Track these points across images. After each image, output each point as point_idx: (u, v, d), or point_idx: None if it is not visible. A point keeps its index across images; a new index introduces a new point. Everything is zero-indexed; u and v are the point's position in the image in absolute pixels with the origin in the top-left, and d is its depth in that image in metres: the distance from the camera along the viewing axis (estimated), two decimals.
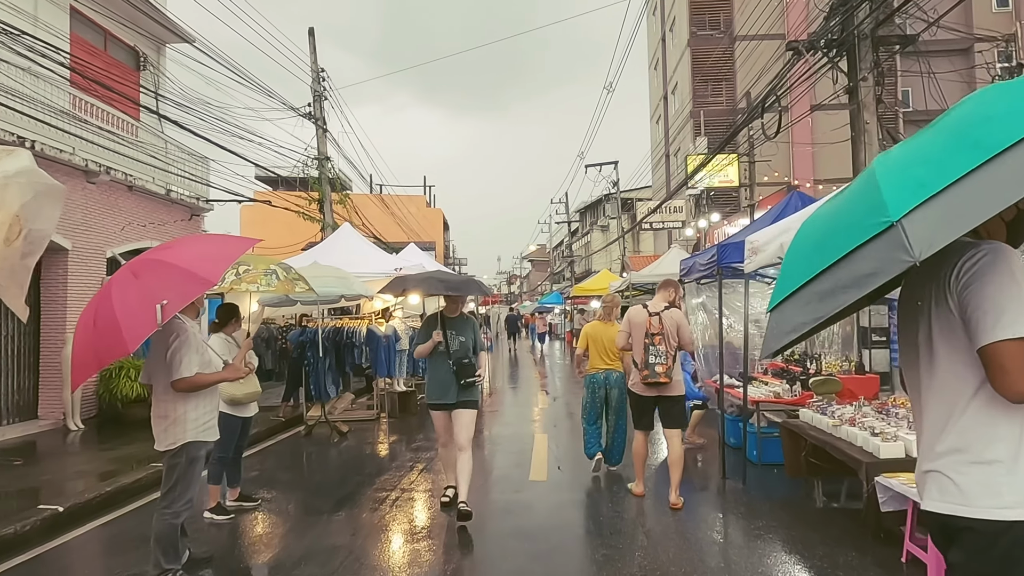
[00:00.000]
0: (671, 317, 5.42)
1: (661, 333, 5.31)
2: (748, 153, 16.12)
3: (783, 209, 6.96)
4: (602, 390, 6.37)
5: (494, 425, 9.67)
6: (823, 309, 1.52)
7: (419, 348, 5.31)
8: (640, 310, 5.55)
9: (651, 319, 5.38)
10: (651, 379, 5.28)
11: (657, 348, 5.28)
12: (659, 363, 5.26)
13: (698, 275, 7.32)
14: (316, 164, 14.69)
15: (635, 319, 5.51)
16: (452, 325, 5.31)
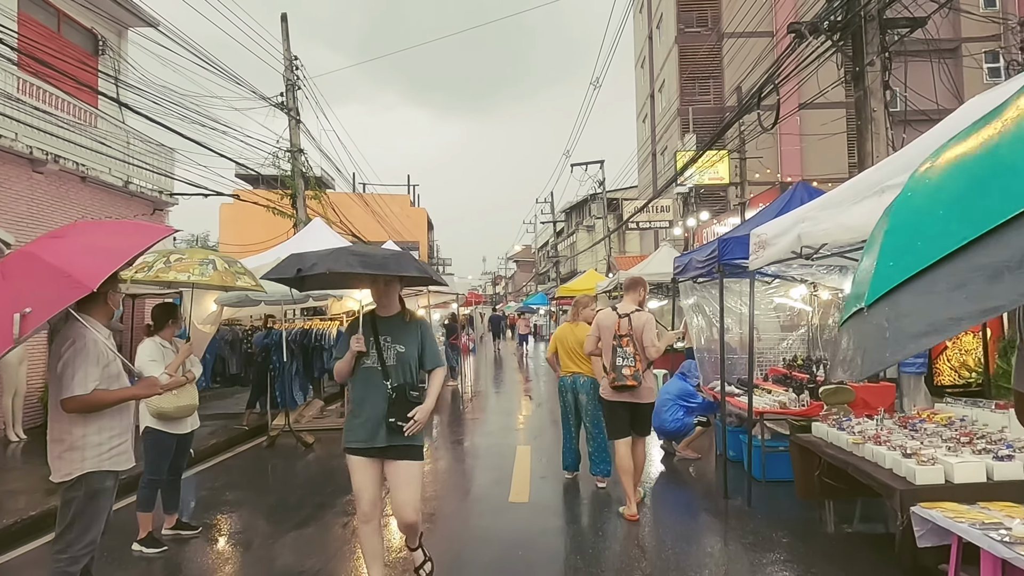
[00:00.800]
0: (639, 319, 5.15)
1: (630, 335, 5.05)
2: (739, 149, 15.58)
3: (788, 201, 6.36)
4: (570, 394, 6.05)
5: (474, 435, 9.00)
6: (999, 294, 0.87)
7: (337, 366, 3.57)
8: (610, 312, 5.28)
9: (620, 321, 5.13)
10: (618, 382, 5.00)
11: (625, 350, 5.02)
12: (626, 365, 4.98)
13: (695, 273, 6.71)
14: (289, 157, 13.92)
15: (604, 322, 5.23)
16: (387, 328, 3.54)
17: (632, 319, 5.13)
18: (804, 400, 5.82)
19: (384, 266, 3.35)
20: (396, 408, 3.39)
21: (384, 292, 3.58)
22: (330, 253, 3.44)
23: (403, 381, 3.45)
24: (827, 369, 6.30)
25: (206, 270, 5.46)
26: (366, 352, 3.47)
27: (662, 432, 7.05)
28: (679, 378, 7.26)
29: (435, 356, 3.64)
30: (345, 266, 3.26)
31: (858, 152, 7.76)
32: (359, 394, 3.53)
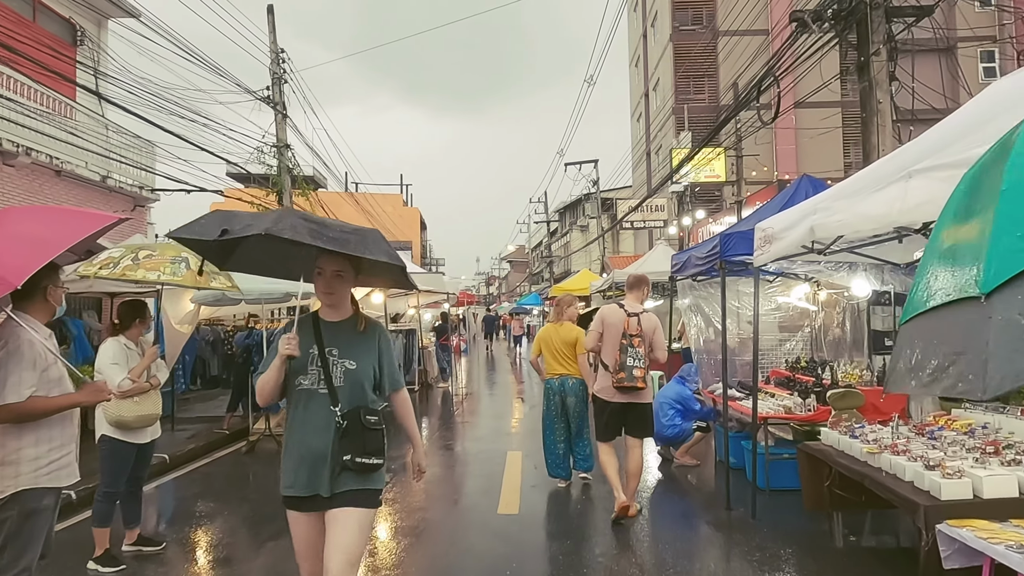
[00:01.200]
0: (650, 320, 5.02)
1: (640, 335, 4.87)
2: (735, 145, 15.29)
3: (792, 195, 6.05)
4: (557, 397, 5.87)
5: (464, 439, 8.66)
6: None
7: (259, 381, 2.58)
8: (616, 309, 5.07)
9: (629, 319, 4.92)
10: (627, 383, 4.79)
11: (636, 351, 4.83)
12: (637, 366, 4.80)
13: (694, 271, 6.40)
14: (274, 152, 13.54)
15: (610, 318, 5.00)
16: (334, 336, 2.64)
17: (642, 320, 4.95)
18: (810, 405, 5.51)
19: (342, 243, 2.35)
20: (349, 442, 2.49)
21: (332, 285, 2.60)
22: (273, 214, 2.46)
23: (355, 406, 2.54)
24: (834, 372, 5.98)
25: (178, 269, 5.09)
26: (304, 362, 2.54)
27: (659, 438, 6.74)
28: (677, 382, 6.95)
29: (395, 377, 2.78)
30: (290, 231, 2.24)
31: (863, 146, 7.47)
32: (295, 425, 2.59)
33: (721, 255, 5.38)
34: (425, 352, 14.70)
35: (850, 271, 5.24)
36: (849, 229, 3.37)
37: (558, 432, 5.90)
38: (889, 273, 5.18)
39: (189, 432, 9.09)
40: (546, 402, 5.98)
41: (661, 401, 6.77)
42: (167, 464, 7.47)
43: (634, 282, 5.27)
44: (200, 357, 10.04)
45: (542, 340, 6.04)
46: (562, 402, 5.83)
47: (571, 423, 5.86)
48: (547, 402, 5.96)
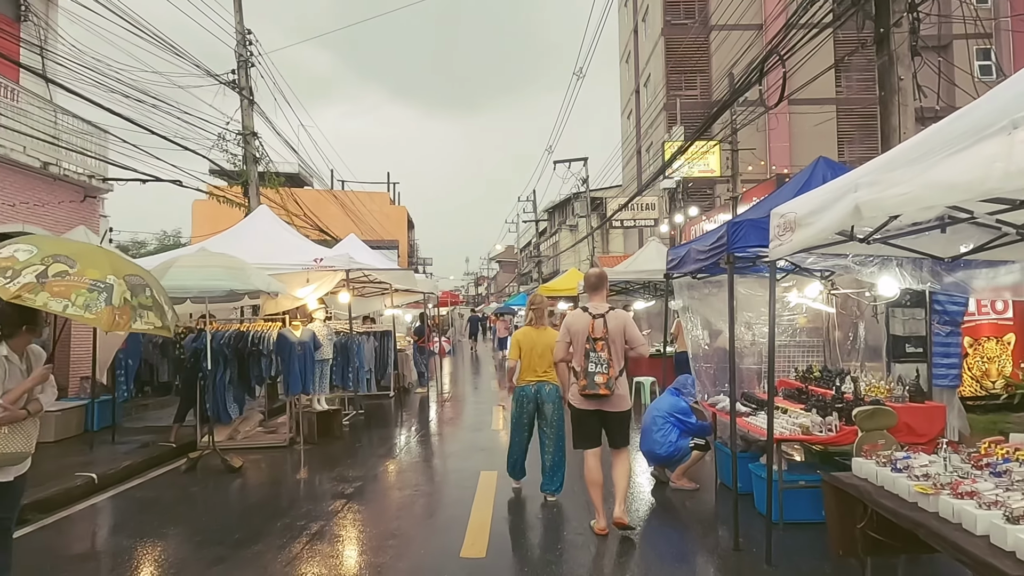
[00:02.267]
0: (617, 319, 4.72)
1: (604, 339, 4.59)
2: (732, 136, 14.48)
3: (806, 179, 5.23)
4: (531, 404, 5.57)
5: (435, 455, 7.78)
6: None
7: None
8: (580, 314, 4.81)
9: (594, 322, 4.65)
10: (589, 390, 4.56)
11: (599, 355, 4.56)
12: (599, 372, 4.54)
13: (695, 266, 5.55)
14: (240, 140, 12.59)
15: (575, 324, 4.77)
16: None
17: (608, 320, 4.65)
18: (832, 424, 4.67)
19: None
20: None
21: None
22: None
23: None
24: (856, 383, 5.15)
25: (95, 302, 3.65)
26: None
27: (652, 457, 5.90)
28: (671, 393, 6.11)
29: None
30: None
31: (881, 128, 6.67)
32: None
33: (728, 247, 4.54)
34: (402, 355, 13.80)
35: (882, 267, 4.41)
36: (917, 204, 2.53)
37: (524, 441, 5.70)
38: (928, 270, 4.36)
39: (131, 445, 8.15)
40: (516, 408, 5.64)
41: (654, 415, 5.93)
42: (94, 485, 6.56)
43: (595, 281, 4.96)
44: (147, 361, 9.10)
45: (522, 344, 5.60)
46: (537, 409, 5.56)
47: (543, 432, 5.58)
48: (519, 407, 5.62)
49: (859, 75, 27.75)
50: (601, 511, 4.70)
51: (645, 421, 6.04)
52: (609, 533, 4.67)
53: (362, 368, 10.13)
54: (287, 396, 8.22)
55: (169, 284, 6.39)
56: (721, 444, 5.88)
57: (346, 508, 5.47)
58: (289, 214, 15.31)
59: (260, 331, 8.14)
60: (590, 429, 4.76)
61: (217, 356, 8.00)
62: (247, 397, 8.55)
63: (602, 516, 4.68)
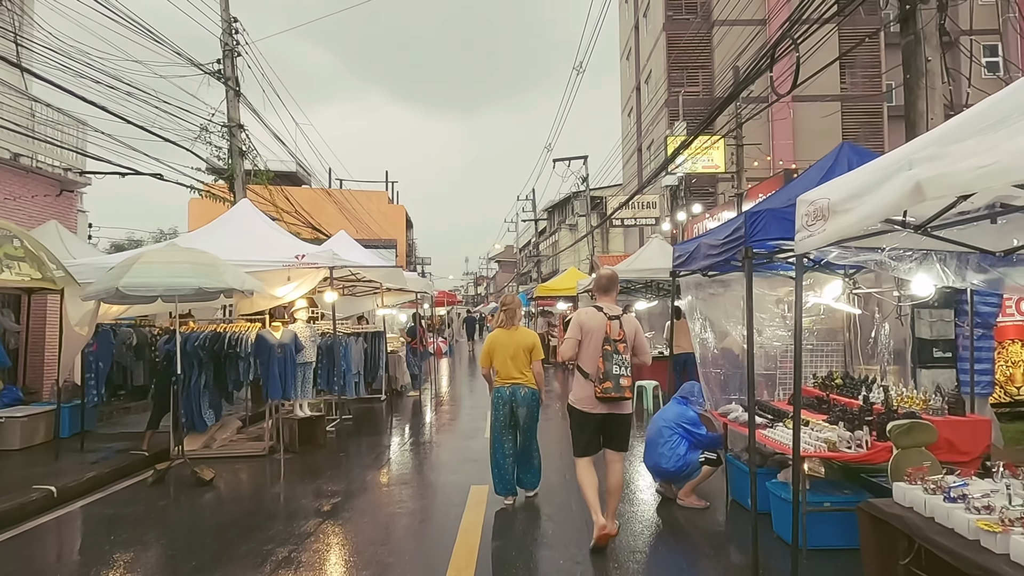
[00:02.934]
0: (631, 323, 4.63)
1: (624, 340, 4.46)
2: (735, 131, 13.95)
3: (830, 166, 4.72)
4: (508, 407, 5.39)
5: (423, 466, 7.27)
6: None
7: None
8: (595, 313, 4.58)
9: (611, 323, 4.48)
10: (614, 392, 4.34)
11: (622, 357, 4.40)
12: (623, 374, 4.38)
13: (706, 262, 5.03)
14: (225, 133, 12.07)
15: (589, 323, 4.52)
16: None
17: (624, 323, 4.51)
18: (862, 439, 4.15)
19: None
20: None
21: None
22: None
23: None
24: (887, 392, 4.63)
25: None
26: None
27: (658, 472, 5.38)
28: (678, 402, 5.60)
29: None
30: None
31: (906, 114, 6.15)
32: None
33: (747, 240, 4.03)
34: (394, 357, 13.28)
35: (921, 262, 3.89)
36: (1004, 177, 2.01)
37: (507, 445, 5.44)
38: (974, 266, 3.84)
39: (100, 454, 7.64)
40: (495, 412, 5.45)
41: (661, 426, 5.42)
42: (53, 498, 6.04)
43: (607, 282, 4.77)
44: (119, 363, 8.57)
45: (496, 346, 5.46)
46: (512, 412, 5.39)
47: (519, 436, 5.46)
48: (496, 412, 5.43)
49: (864, 71, 27.30)
50: (598, 509, 4.40)
51: (650, 432, 5.52)
52: (611, 560, 4.17)
53: (349, 371, 9.62)
54: (266, 402, 7.70)
55: (132, 281, 5.89)
56: (733, 458, 5.37)
57: (320, 530, 4.95)
58: (278, 210, 14.81)
59: (238, 332, 7.63)
60: (594, 434, 4.57)
61: (191, 359, 7.50)
62: (224, 403, 8.04)
63: (599, 515, 4.38)
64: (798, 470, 3.74)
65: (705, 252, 4.95)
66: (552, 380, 15.19)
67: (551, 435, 8.26)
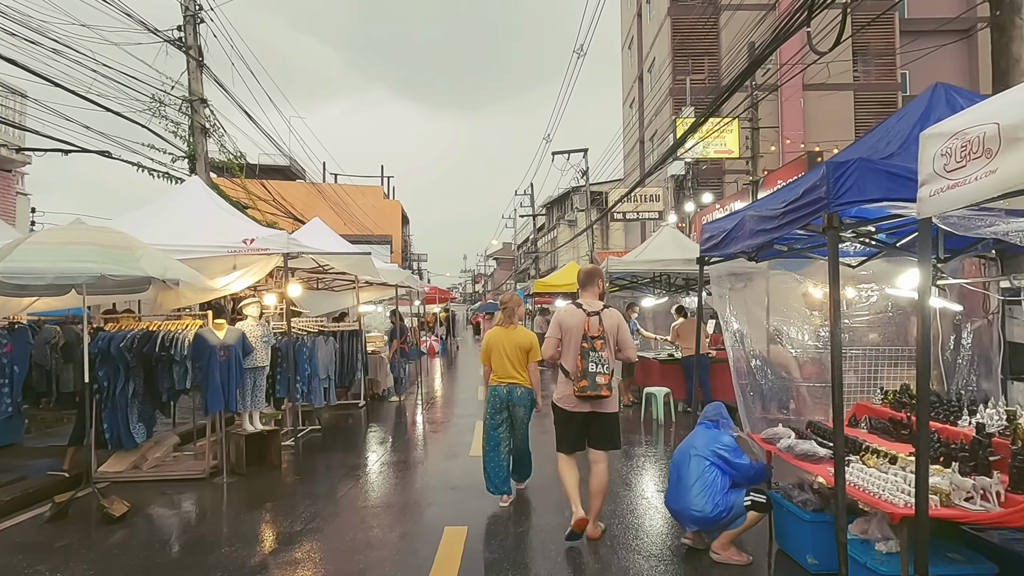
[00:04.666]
0: (612, 318, 4.48)
1: (603, 337, 4.34)
2: (751, 109, 12.67)
3: (925, 108, 3.47)
4: (502, 405, 5.34)
5: (391, 495, 6.00)
6: None
7: None
8: (574, 310, 4.51)
9: (589, 319, 4.39)
10: (590, 391, 4.26)
11: (599, 354, 4.29)
12: (600, 372, 4.27)
13: (754, 241, 3.79)
14: (186, 107, 10.79)
15: (568, 321, 4.48)
16: None
17: (603, 318, 4.43)
18: (991, 489, 2.90)
19: None
20: None
21: None
22: None
23: None
24: (1013, 418, 3.38)
25: None
26: None
27: (691, 519, 4.10)
28: (708, 426, 4.33)
29: None
30: None
31: (995, 61, 4.90)
32: None
33: (831, 202, 2.77)
34: (375, 358, 12.04)
35: None
36: None
37: (501, 445, 5.35)
38: None
39: (10, 475, 6.40)
40: (489, 410, 5.37)
41: (690, 457, 4.15)
42: None
43: (585, 277, 4.69)
44: (40, 367, 7.29)
45: (493, 343, 5.38)
46: (508, 411, 5.33)
47: (515, 436, 5.41)
48: (491, 409, 5.35)
49: (877, 60, 26.06)
50: (578, 500, 4.44)
51: (676, 467, 4.26)
52: None
53: (316, 376, 8.36)
54: (205, 414, 6.44)
55: (13, 266, 4.64)
56: (780, 496, 4.12)
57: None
58: (251, 196, 13.55)
59: (173, 332, 6.37)
60: (577, 433, 4.52)
61: (117, 363, 6.25)
62: (159, 415, 6.79)
63: (579, 506, 4.41)
64: (923, 542, 2.48)
65: (753, 228, 3.70)
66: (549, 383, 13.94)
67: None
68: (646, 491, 5.70)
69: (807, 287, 5.36)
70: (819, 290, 5.36)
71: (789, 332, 5.02)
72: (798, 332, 5.21)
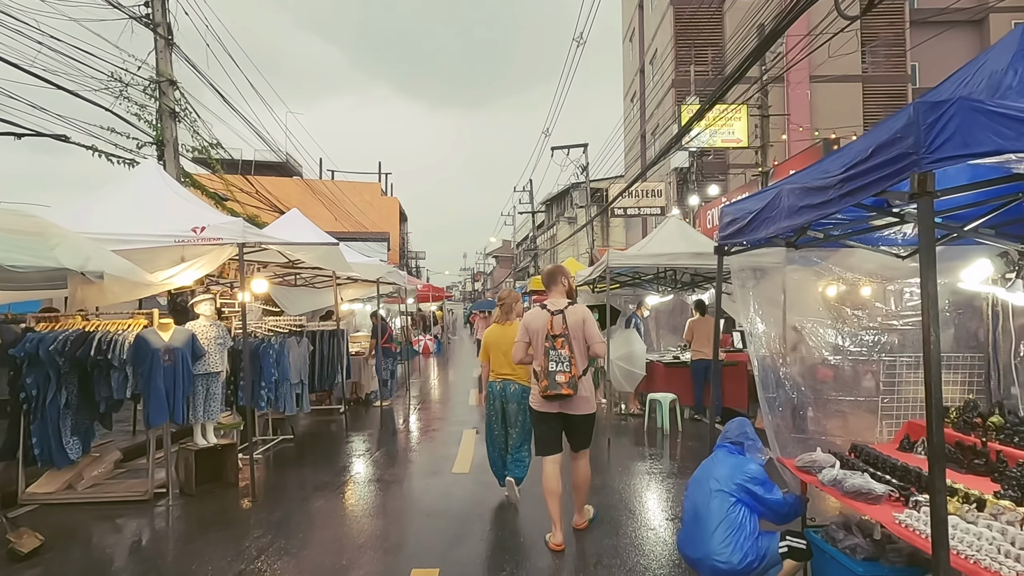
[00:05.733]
0: (576, 314, 4.37)
1: (564, 335, 4.27)
2: (760, 92, 11.84)
3: (1015, 53, 2.67)
4: (498, 402, 5.32)
5: (353, 531, 5.21)
6: None
7: None
8: (539, 311, 4.45)
9: (553, 318, 4.33)
10: (551, 390, 4.17)
11: (559, 353, 4.22)
12: (560, 370, 4.17)
13: (792, 222, 3.00)
14: (153, 89, 9.98)
15: (533, 323, 4.43)
16: None
17: (567, 315, 4.33)
18: None
19: None
20: None
21: None
22: None
23: None
24: None
25: None
26: None
27: (712, 570, 3.29)
28: (730, 451, 3.52)
29: None
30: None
31: None
32: None
33: (922, 158, 1.97)
34: (358, 360, 11.25)
35: None
36: None
37: (498, 439, 5.43)
38: None
39: None
40: (487, 407, 5.47)
41: (709, 491, 3.34)
42: None
43: (548, 278, 4.65)
44: None
45: (490, 342, 5.38)
46: (501, 408, 5.33)
47: (511, 433, 5.34)
48: (488, 406, 5.45)
49: (886, 51, 25.24)
50: (558, 524, 4.36)
51: (692, 503, 3.45)
52: None
53: (286, 380, 7.55)
54: (148, 427, 5.63)
55: None
56: (821, 539, 3.32)
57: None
58: (229, 187, 12.76)
59: (112, 333, 5.57)
60: (551, 433, 4.47)
61: (46, 369, 5.46)
62: (98, 427, 6.00)
63: (559, 530, 4.34)
64: None
65: (795, 204, 2.90)
66: None
67: None
68: (652, 519, 4.90)
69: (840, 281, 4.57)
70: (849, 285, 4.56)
71: (826, 335, 4.22)
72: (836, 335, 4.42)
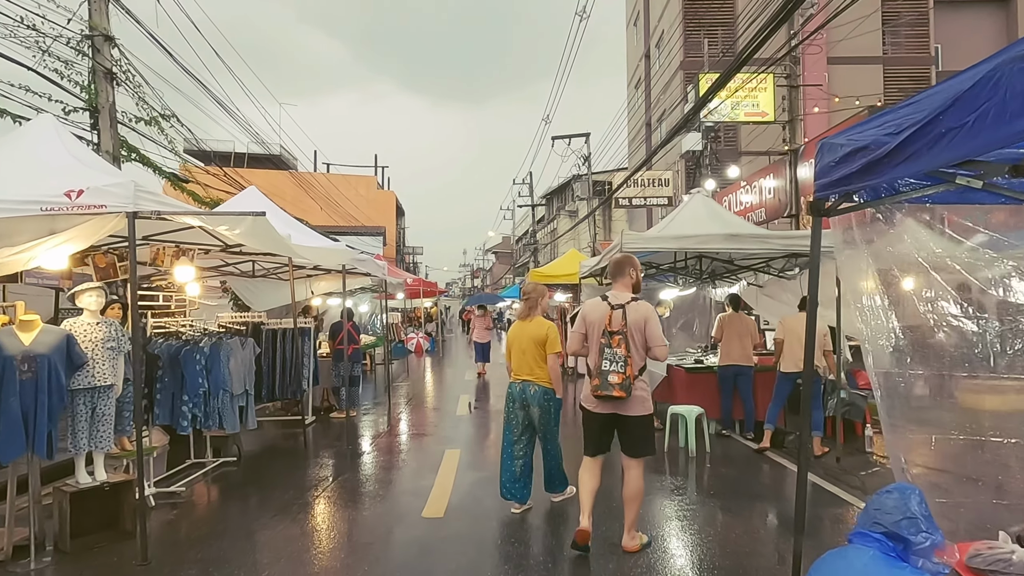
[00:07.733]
0: (638, 311, 4.02)
1: (622, 332, 3.94)
2: (786, 56, 10.28)
3: None
4: (516, 405, 4.88)
5: None
6: None
7: None
8: (599, 303, 4.17)
9: (612, 313, 4.02)
10: (602, 391, 3.92)
11: (614, 351, 3.92)
12: (614, 371, 3.91)
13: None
14: (85, 43, 8.46)
15: (591, 315, 4.17)
16: None
17: (628, 312, 4.00)
18: None
19: None
20: None
21: None
22: None
23: None
24: None
25: None
26: None
27: None
28: (884, 551, 2.01)
29: None
30: None
31: None
32: None
33: None
34: (326, 364, 9.77)
35: None
36: None
37: (516, 447, 4.89)
38: None
39: None
40: (506, 410, 5.02)
41: None
42: None
43: (615, 268, 4.23)
44: None
45: (510, 340, 5.00)
46: (524, 412, 4.88)
47: (538, 437, 4.96)
48: (506, 410, 5.01)
49: (908, 32, 23.77)
50: (588, 510, 4.07)
51: None
52: None
53: (222, 392, 6.05)
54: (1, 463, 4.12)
55: None
56: None
57: None
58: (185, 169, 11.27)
59: None
60: (601, 435, 4.15)
61: None
62: None
63: (587, 516, 4.05)
64: None
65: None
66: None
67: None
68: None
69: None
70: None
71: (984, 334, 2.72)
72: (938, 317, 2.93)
